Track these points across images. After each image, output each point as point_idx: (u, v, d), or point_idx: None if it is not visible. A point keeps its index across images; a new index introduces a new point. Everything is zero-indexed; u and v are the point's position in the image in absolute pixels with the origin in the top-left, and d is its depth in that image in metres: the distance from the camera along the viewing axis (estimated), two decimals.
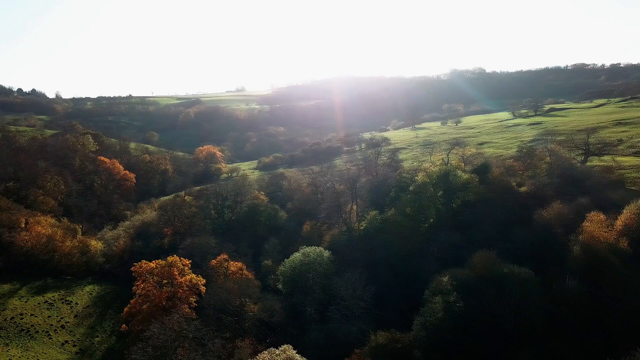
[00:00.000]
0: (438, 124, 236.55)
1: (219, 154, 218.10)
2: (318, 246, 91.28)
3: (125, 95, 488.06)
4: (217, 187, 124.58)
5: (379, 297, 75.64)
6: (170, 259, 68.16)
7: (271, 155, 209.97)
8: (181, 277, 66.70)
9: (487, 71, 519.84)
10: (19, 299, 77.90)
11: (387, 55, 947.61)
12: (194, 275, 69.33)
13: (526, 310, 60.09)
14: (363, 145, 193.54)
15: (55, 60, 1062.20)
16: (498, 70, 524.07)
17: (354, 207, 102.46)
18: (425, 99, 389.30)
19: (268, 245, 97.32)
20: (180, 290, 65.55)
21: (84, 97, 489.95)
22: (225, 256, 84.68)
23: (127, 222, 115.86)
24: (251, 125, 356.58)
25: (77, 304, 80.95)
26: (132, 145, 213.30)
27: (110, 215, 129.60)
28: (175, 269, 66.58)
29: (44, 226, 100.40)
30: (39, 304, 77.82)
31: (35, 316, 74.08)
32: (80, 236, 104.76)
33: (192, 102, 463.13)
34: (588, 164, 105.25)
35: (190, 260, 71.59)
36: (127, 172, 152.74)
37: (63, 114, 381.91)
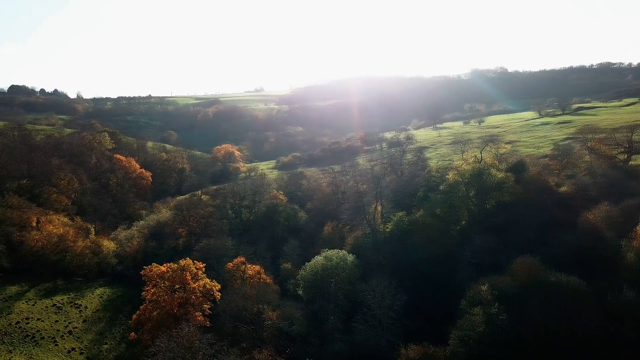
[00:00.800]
0: (460, 123, 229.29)
1: (237, 153, 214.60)
2: (340, 249, 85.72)
3: (144, 96, 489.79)
4: (235, 186, 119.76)
5: (408, 306, 69.30)
6: (182, 262, 63.05)
7: (290, 154, 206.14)
8: (194, 283, 61.54)
9: (509, 70, 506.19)
10: (26, 301, 73.93)
11: (406, 55, 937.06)
12: (208, 280, 64.10)
13: (578, 324, 53.20)
14: (384, 145, 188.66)
15: (78, 62, 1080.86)
16: (520, 70, 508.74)
17: (378, 207, 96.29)
18: (445, 99, 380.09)
19: (287, 248, 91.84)
20: (193, 297, 60.37)
21: (104, 97, 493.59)
22: (243, 259, 79.46)
23: (141, 222, 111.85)
24: (269, 125, 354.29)
25: (86, 307, 76.64)
26: (150, 144, 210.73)
27: (125, 214, 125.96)
28: (188, 274, 61.46)
29: (56, 225, 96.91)
30: (46, 307, 73.71)
31: (42, 321, 69.96)
32: (93, 236, 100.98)
33: (210, 102, 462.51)
34: (631, 162, 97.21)
35: (204, 264, 66.36)
36: (144, 170, 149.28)
37: (83, 113, 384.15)
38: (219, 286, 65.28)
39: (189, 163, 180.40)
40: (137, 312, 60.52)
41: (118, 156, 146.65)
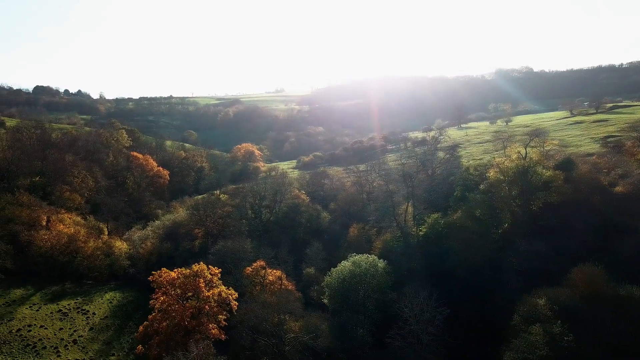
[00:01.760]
0: (486, 123, 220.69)
1: (257, 152, 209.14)
2: (367, 253, 78.28)
3: (166, 96, 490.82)
4: (255, 185, 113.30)
5: (446, 319, 61.43)
6: (195, 267, 56.38)
7: (311, 154, 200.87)
8: (208, 290, 54.80)
9: (534, 70, 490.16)
10: (30, 307, 68.56)
11: (428, 55, 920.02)
12: (224, 288, 57.28)
13: None
14: (409, 144, 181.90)
15: (102, 63, 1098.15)
16: (547, 70, 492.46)
17: (410, 208, 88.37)
18: (469, 99, 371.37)
19: (310, 251, 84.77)
20: (207, 307, 53.56)
21: (126, 97, 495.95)
22: (262, 263, 72.68)
23: (156, 222, 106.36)
24: (290, 125, 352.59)
25: (94, 314, 70.90)
26: (169, 143, 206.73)
27: (141, 214, 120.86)
28: (201, 280, 54.79)
29: (67, 225, 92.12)
30: (51, 313, 68.22)
31: (46, 328, 64.38)
32: (105, 236, 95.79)
33: (231, 102, 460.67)
34: None
35: (220, 269, 59.44)
36: (161, 168, 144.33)
37: (105, 113, 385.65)
38: (236, 294, 58.41)
39: (208, 162, 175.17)
40: (145, 322, 54.03)
41: (135, 154, 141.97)
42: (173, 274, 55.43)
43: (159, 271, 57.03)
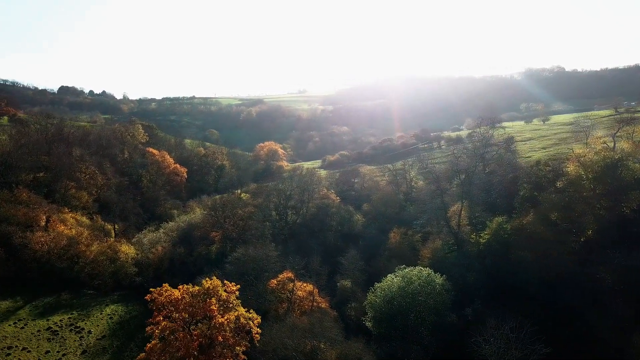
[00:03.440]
0: (520, 123, 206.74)
1: (281, 151, 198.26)
2: (412, 263, 65.35)
3: (188, 96, 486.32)
4: (279, 183, 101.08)
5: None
6: (207, 283, 43.74)
7: (336, 153, 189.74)
8: (223, 315, 41.96)
9: (566, 70, 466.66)
10: (14, 323, 57.49)
11: (454, 54, 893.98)
12: (243, 310, 44.47)
13: None
14: (442, 142, 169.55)
15: (126, 64, 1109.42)
16: (579, 69, 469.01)
17: (463, 211, 74.44)
18: (498, 99, 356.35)
19: (346, 260, 71.60)
20: (221, 337, 40.89)
21: (149, 98, 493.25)
22: (290, 274, 60.16)
23: (170, 224, 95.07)
24: (313, 125, 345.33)
25: (89, 332, 59.39)
26: (188, 141, 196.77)
27: (155, 214, 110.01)
28: (214, 301, 42.10)
29: (70, 225, 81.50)
30: (38, 331, 56.98)
31: (29, 351, 53.04)
32: (112, 239, 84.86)
33: (254, 102, 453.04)
34: None
35: (238, 285, 46.72)
36: (178, 165, 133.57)
37: (128, 113, 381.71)
38: (259, 318, 45.50)
39: (229, 160, 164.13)
40: (141, 354, 41.78)
41: (151, 149, 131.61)
42: (177, 293, 42.99)
43: (159, 288, 44.71)
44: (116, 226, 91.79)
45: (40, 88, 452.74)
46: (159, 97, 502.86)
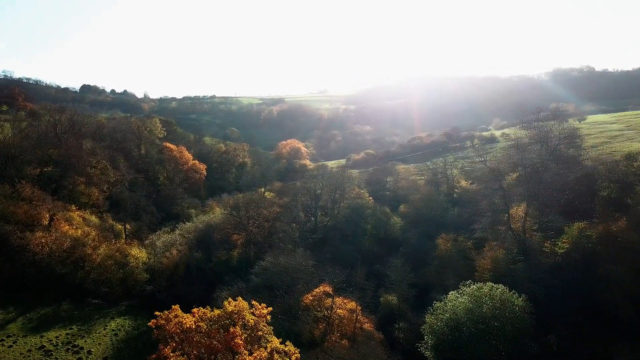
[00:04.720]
0: (552, 122, 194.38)
1: (304, 149, 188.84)
2: (465, 274, 54.62)
3: (209, 96, 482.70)
4: (307, 182, 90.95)
5: None
6: (230, 306, 33.19)
7: (362, 152, 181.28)
8: (251, 351, 30.85)
9: (596, 69, 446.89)
10: (1, 340, 48.53)
11: (479, 54, 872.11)
12: (277, 342, 33.74)
13: None
14: (476, 141, 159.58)
15: (149, 63, 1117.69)
16: (610, 69, 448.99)
17: (525, 215, 62.91)
18: (524, 100, 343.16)
19: (391, 271, 60.72)
20: None
21: (169, 97, 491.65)
22: (328, 288, 49.72)
23: (187, 224, 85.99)
24: (335, 124, 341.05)
25: (89, 353, 50.09)
26: (207, 139, 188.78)
27: (172, 213, 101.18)
28: (238, 331, 31.48)
29: (76, 224, 72.89)
30: (29, 351, 47.89)
31: None
32: (122, 240, 75.97)
33: (274, 101, 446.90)
34: None
35: (270, 308, 36.30)
36: (197, 162, 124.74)
37: (148, 111, 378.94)
38: (297, 353, 34.75)
39: (251, 157, 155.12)
40: None
41: (167, 144, 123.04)
42: (190, 320, 32.74)
43: (167, 312, 34.69)
44: (127, 226, 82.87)
45: (62, 87, 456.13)
46: (179, 96, 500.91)
